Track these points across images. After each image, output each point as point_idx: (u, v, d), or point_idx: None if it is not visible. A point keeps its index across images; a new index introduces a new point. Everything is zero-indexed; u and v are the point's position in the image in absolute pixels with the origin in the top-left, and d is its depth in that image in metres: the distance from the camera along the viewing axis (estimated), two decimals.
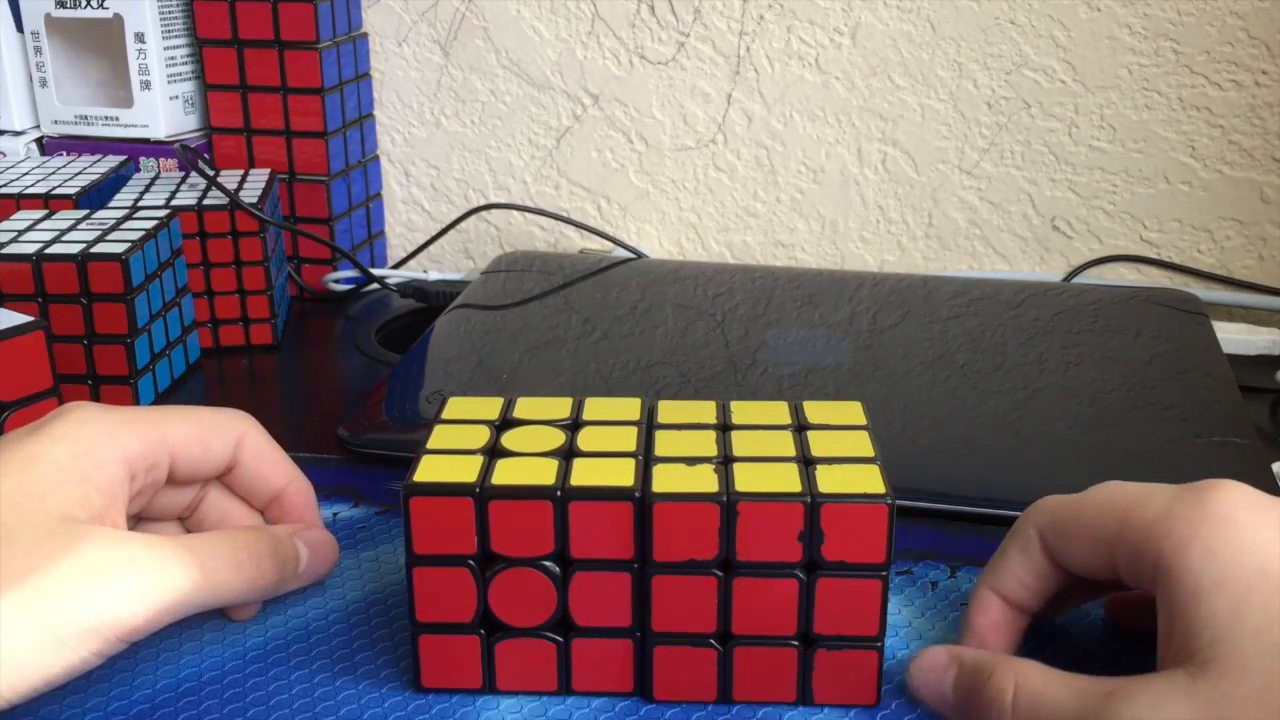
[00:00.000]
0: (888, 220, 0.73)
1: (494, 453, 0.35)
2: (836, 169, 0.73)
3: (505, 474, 0.33)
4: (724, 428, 0.36)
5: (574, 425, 0.36)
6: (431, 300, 0.69)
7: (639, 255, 0.71)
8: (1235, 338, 0.61)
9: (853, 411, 0.37)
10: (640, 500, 0.33)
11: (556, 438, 0.35)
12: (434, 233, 0.76)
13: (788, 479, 0.33)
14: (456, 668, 0.35)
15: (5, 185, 0.63)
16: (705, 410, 0.37)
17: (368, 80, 0.76)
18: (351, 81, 0.73)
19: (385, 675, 0.36)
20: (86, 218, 0.57)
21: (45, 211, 0.59)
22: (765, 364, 0.55)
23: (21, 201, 0.61)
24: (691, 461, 0.34)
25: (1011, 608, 0.35)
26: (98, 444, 0.34)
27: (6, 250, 0.52)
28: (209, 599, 0.34)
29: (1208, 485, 0.31)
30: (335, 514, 0.45)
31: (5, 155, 0.73)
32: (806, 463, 0.34)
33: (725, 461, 0.34)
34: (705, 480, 0.33)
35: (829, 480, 0.33)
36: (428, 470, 0.34)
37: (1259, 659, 0.28)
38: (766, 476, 0.33)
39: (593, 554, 0.33)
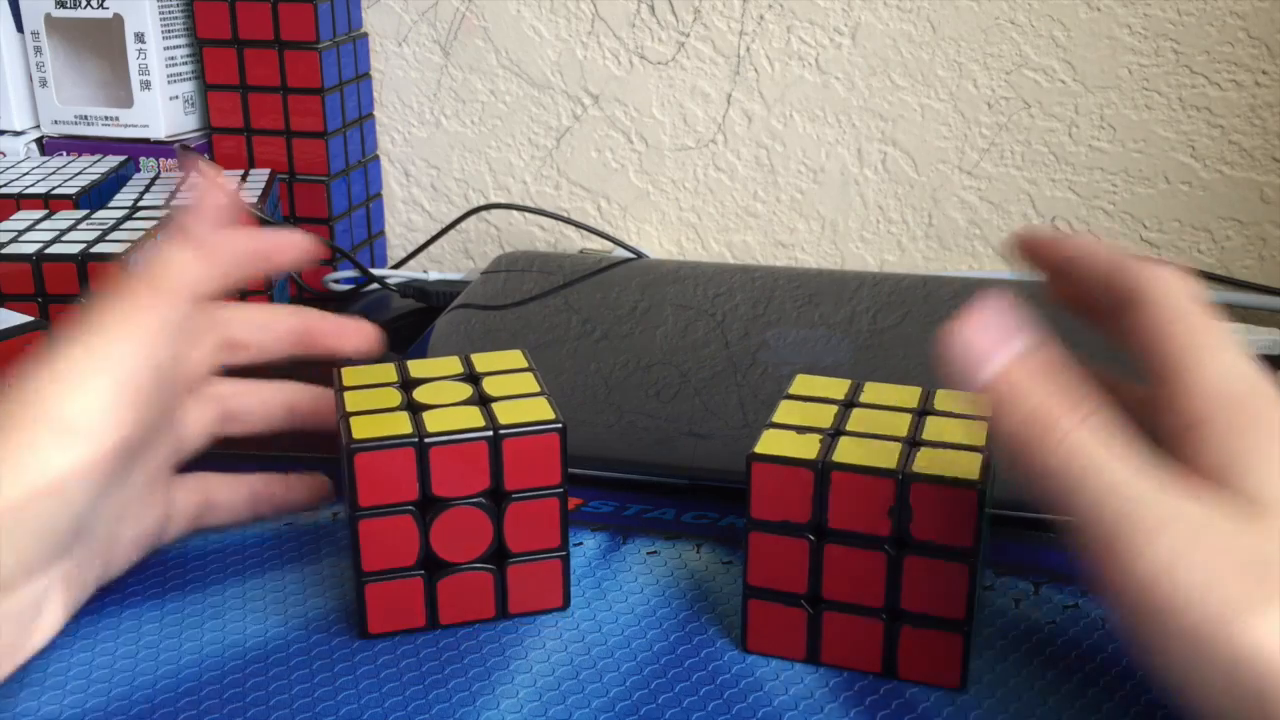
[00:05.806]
0: (888, 220, 0.73)
1: (413, 406, 0.37)
2: (836, 169, 0.73)
3: (437, 422, 0.36)
4: (849, 404, 0.38)
5: (473, 379, 0.39)
6: (431, 300, 0.69)
7: (639, 255, 0.71)
8: (1235, 338, 0.61)
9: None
10: (749, 461, 0.34)
11: (462, 390, 0.38)
12: (434, 233, 0.76)
13: (886, 455, 0.34)
14: (401, 610, 0.37)
15: (5, 185, 0.63)
16: (839, 387, 0.39)
17: (368, 80, 0.76)
18: (351, 81, 0.73)
19: (386, 675, 0.36)
20: (86, 218, 0.57)
21: (45, 211, 0.59)
22: (765, 364, 0.55)
23: (21, 201, 0.61)
24: (802, 430, 0.35)
25: None
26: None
27: (6, 250, 0.52)
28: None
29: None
30: (335, 514, 0.45)
31: (5, 155, 0.73)
32: (913, 444, 0.35)
33: (836, 434, 0.35)
34: (808, 448, 0.34)
35: (926, 461, 0.34)
36: (363, 429, 0.36)
37: None
38: (867, 451, 0.34)
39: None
